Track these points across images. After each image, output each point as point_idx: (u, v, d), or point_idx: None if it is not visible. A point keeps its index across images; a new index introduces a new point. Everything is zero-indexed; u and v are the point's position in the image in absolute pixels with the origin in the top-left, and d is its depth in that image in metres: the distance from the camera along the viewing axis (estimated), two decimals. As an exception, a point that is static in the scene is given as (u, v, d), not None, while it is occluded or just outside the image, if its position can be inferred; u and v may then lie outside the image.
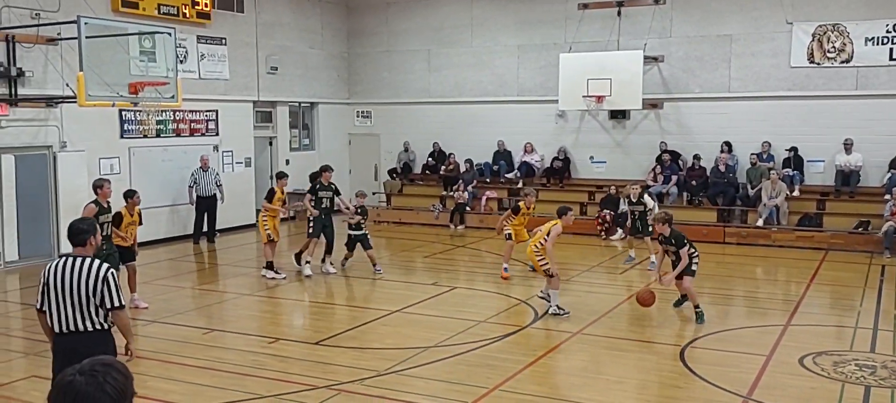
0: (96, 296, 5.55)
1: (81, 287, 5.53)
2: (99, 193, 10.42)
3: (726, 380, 8.15)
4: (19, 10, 14.44)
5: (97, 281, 5.55)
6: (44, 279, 5.66)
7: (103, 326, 5.64)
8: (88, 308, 5.57)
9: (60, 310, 5.58)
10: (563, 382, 8.55)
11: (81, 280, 5.54)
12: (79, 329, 5.55)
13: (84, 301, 5.55)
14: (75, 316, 5.58)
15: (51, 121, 15.19)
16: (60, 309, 5.58)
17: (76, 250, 5.68)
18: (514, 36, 21.02)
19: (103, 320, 5.63)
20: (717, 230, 17.70)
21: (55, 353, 5.65)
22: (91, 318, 5.58)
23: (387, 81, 22.76)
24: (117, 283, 5.67)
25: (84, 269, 5.57)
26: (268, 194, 13.95)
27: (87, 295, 5.54)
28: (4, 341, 10.04)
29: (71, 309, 5.57)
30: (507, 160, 21.03)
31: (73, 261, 5.61)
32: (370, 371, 8.49)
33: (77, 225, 5.76)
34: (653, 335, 10.02)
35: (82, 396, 2.35)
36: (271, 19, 20.44)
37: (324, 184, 14.01)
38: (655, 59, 19.18)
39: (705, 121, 19.12)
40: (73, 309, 5.57)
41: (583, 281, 13.60)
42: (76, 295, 5.54)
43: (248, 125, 20.07)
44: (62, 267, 5.61)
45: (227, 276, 14.58)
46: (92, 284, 5.54)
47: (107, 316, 5.65)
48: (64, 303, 5.57)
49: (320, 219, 13.77)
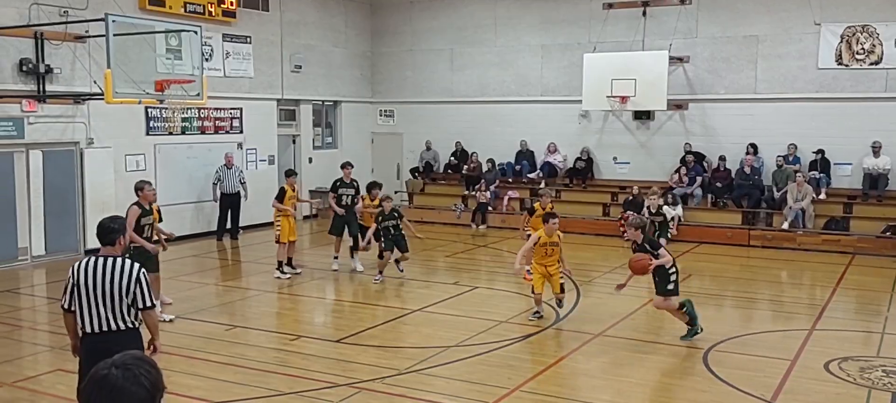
0: (129, 296, 5.55)
1: (114, 287, 5.52)
2: (140, 195, 10.30)
3: (750, 384, 8.06)
4: (48, 7, 14.63)
5: (130, 281, 5.55)
6: (73, 279, 5.62)
7: (133, 325, 5.65)
8: (121, 307, 5.56)
9: (92, 310, 5.56)
10: (584, 384, 8.50)
11: (114, 280, 5.52)
12: (111, 328, 5.55)
13: (117, 300, 5.54)
14: (107, 315, 5.56)
15: (78, 118, 15.38)
16: (92, 309, 5.56)
17: (105, 249, 5.66)
18: (538, 35, 20.96)
19: (134, 319, 5.64)
20: (741, 233, 17.53)
21: (84, 353, 5.61)
22: (123, 317, 5.59)
23: (410, 80, 22.78)
24: (149, 283, 5.68)
25: (116, 269, 5.55)
26: (278, 194, 13.75)
27: (120, 294, 5.53)
28: (31, 335, 10.17)
29: (103, 309, 5.55)
30: (530, 160, 20.97)
31: (104, 261, 5.59)
32: (391, 369, 8.50)
33: (107, 225, 5.72)
34: (675, 338, 9.93)
35: (118, 390, 2.37)
36: (296, 18, 20.55)
37: (344, 181, 14.06)
38: (680, 59, 19.03)
39: (731, 122, 18.95)
40: (106, 309, 5.55)
41: (605, 283, 13.51)
42: (109, 295, 5.52)
43: (271, 123, 20.19)
44: (93, 267, 5.58)
45: (250, 273, 14.67)
46: (125, 284, 5.53)
47: (137, 315, 5.66)
48: (96, 303, 5.55)
49: (341, 217, 13.81)
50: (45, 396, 7.71)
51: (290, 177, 14.06)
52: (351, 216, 14.00)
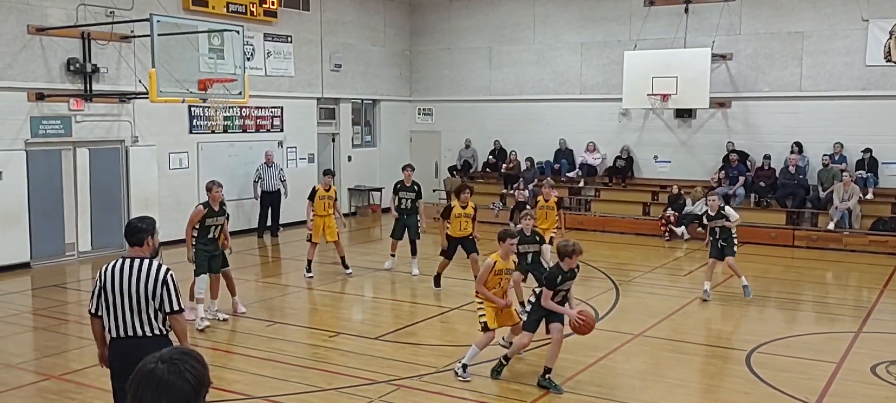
0: (155, 299, 5.31)
1: (140, 289, 5.30)
2: (210, 195, 10.23)
3: (794, 387, 7.91)
4: (95, 8, 14.93)
5: (156, 283, 5.30)
6: (101, 282, 5.42)
7: (162, 332, 5.39)
8: (147, 311, 5.33)
9: (117, 314, 5.36)
10: (624, 384, 8.42)
11: (140, 282, 5.30)
12: (136, 333, 5.33)
13: (143, 304, 5.31)
14: (133, 320, 5.34)
15: (123, 117, 15.68)
16: (117, 313, 5.36)
17: (132, 250, 5.45)
18: (577, 33, 20.81)
19: (162, 325, 5.40)
20: (786, 233, 17.21)
21: (112, 358, 5.46)
22: (150, 323, 5.35)
23: (448, 79, 22.80)
24: (177, 286, 5.43)
25: (142, 271, 5.32)
26: (310, 193, 13.44)
27: (145, 298, 5.30)
28: (77, 329, 10.40)
29: (128, 313, 5.33)
30: (569, 159, 20.83)
31: (130, 263, 5.36)
32: (428, 367, 8.52)
33: (135, 224, 5.51)
34: (717, 339, 9.80)
35: (164, 384, 2.42)
36: (335, 17, 20.69)
37: (405, 185, 13.79)
38: (723, 56, 18.75)
39: (775, 120, 18.60)
40: (131, 313, 5.33)
41: (645, 283, 13.38)
42: (134, 299, 5.31)
43: (311, 121, 20.36)
44: (119, 269, 5.36)
45: (289, 270, 14.81)
46: (151, 287, 5.30)
47: (165, 320, 5.41)
48: (121, 307, 5.34)
49: (401, 220, 13.61)
50: (90, 389, 7.88)
51: (326, 176, 13.82)
52: (412, 220, 13.64)
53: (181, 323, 5.51)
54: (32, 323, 10.94)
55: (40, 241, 14.38)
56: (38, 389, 8.09)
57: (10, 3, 13.87)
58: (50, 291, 12.61)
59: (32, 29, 14.13)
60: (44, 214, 14.44)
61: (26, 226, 14.15)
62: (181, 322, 5.51)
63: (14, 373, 8.54)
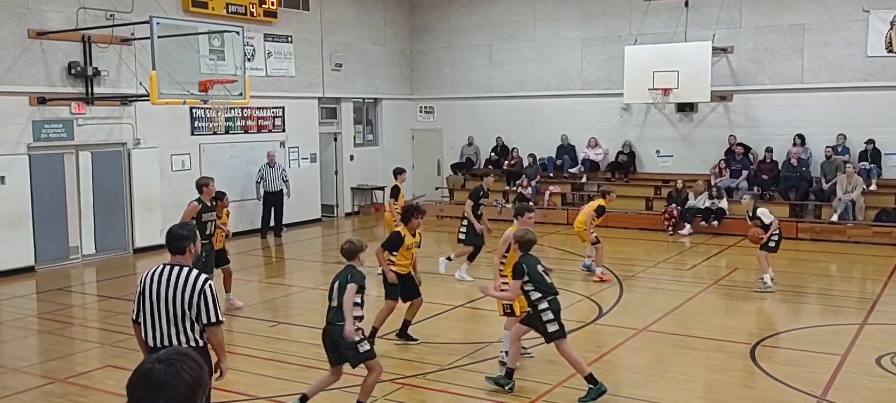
0: (192, 310, 5.18)
1: (177, 299, 5.17)
2: (204, 192, 10.29)
3: (799, 380, 7.90)
4: (95, 11, 14.95)
5: (194, 293, 5.17)
6: (140, 288, 5.31)
7: (198, 343, 5.24)
8: (184, 322, 5.21)
9: (155, 323, 5.24)
10: (628, 379, 8.41)
11: (177, 291, 5.18)
12: (172, 344, 5.19)
13: (180, 314, 5.19)
14: (169, 330, 5.22)
15: (125, 119, 15.70)
16: (155, 322, 5.24)
17: (174, 258, 5.31)
18: (578, 29, 20.79)
19: (198, 336, 5.26)
20: (789, 225, 17.12)
21: None
22: (186, 333, 5.22)
23: (449, 77, 22.79)
24: (216, 297, 5.26)
25: (181, 280, 5.19)
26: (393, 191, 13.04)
27: (183, 308, 5.18)
28: (82, 332, 10.42)
29: (165, 323, 5.22)
30: (571, 154, 20.83)
31: (170, 271, 5.24)
32: (433, 365, 8.52)
33: (177, 232, 5.35)
34: (722, 333, 9.78)
35: (161, 383, 2.43)
36: (335, 16, 20.69)
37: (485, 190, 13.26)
38: (724, 50, 18.72)
39: (776, 113, 18.57)
40: (168, 323, 5.22)
41: (649, 277, 13.37)
42: (172, 308, 5.18)
43: (313, 121, 20.37)
44: (159, 277, 5.24)
45: (292, 270, 14.82)
46: (188, 297, 5.17)
47: (202, 331, 5.27)
48: (158, 315, 5.23)
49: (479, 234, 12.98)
50: (96, 391, 7.88)
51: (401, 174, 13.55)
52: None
53: (219, 335, 5.37)
54: (37, 327, 10.95)
55: (44, 245, 14.41)
56: (43, 393, 8.10)
57: (10, 7, 13.88)
58: (54, 295, 12.63)
59: (33, 33, 14.15)
60: (47, 218, 14.46)
61: (30, 230, 14.18)
62: (219, 334, 5.36)
63: (19, 377, 8.55)
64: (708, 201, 17.76)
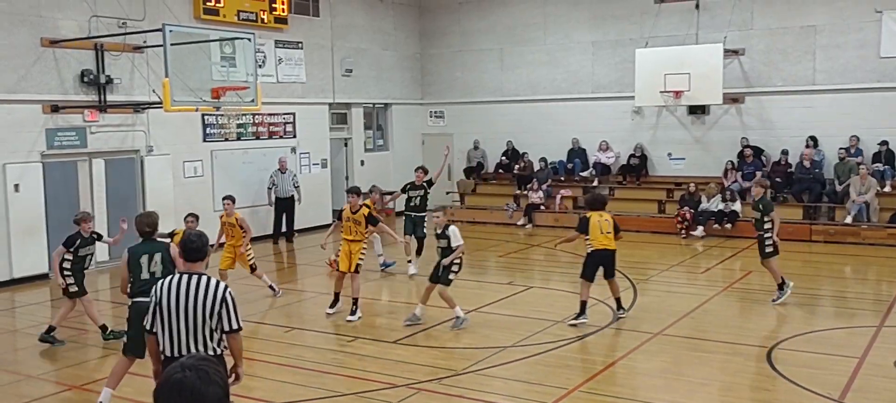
0: (213, 318, 5.16)
1: (198, 307, 5.14)
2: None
3: (817, 383, 7.85)
4: (107, 19, 15.02)
5: (216, 301, 5.15)
6: (156, 298, 5.25)
7: (216, 351, 5.22)
8: (203, 330, 5.17)
9: (172, 332, 5.19)
10: (644, 383, 8.38)
11: (198, 300, 5.14)
12: (191, 353, 5.11)
13: (199, 322, 5.15)
14: (188, 339, 5.18)
15: (138, 127, 15.76)
16: (172, 331, 5.19)
17: (189, 266, 5.29)
18: (589, 32, 20.76)
19: (216, 344, 5.24)
20: (802, 228, 17.08)
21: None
22: (205, 342, 5.18)
23: (459, 81, 22.79)
24: (236, 304, 5.27)
25: (201, 289, 5.16)
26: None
27: (203, 316, 5.14)
28: (97, 339, 10.43)
29: (184, 332, 5.17)
30: (582, 158, 20.78)
31: (188, 279, 5.20)
32: (448, 370, 8.50)
33: (193, 240, 5.34)
34: (737, 336, 9.72)
35: (195, 391, 2.43)
36: (345, 22, 20.73)
37: (415, 184, 14.15)
38: (736, 52, 18.65)
39: (789, 115, 18.49)
40: (187, 332, 5.17)
41: (662, 281, 13.32)
42: (191, 316, 5.15)
43: (324, 127, 20.41)
44: (176, 286, 5.19)
45: (305, 275, 14.83)
46: (209, 305, 5.14)
47: (220, 340, 5.26)
48: (176, 325, 5.17)
49: (411, 217, 14.02)
50: (113, 398, 7.89)
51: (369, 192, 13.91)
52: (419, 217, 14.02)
53: (239, 341, 5.39)
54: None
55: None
56: (59, 400, 8.14)
57: (23, 16, 13.97)
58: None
59: (46, 41, 14.23)
60: (61, 225, 14.44)
61: (44, 238, 14.24)
62: (239, 340, 5.39)
63: (36, 384, 8.59)
64: (721, 204, 17.68)
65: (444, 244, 10.18)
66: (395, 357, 9.12)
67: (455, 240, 10.08)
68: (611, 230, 10.30)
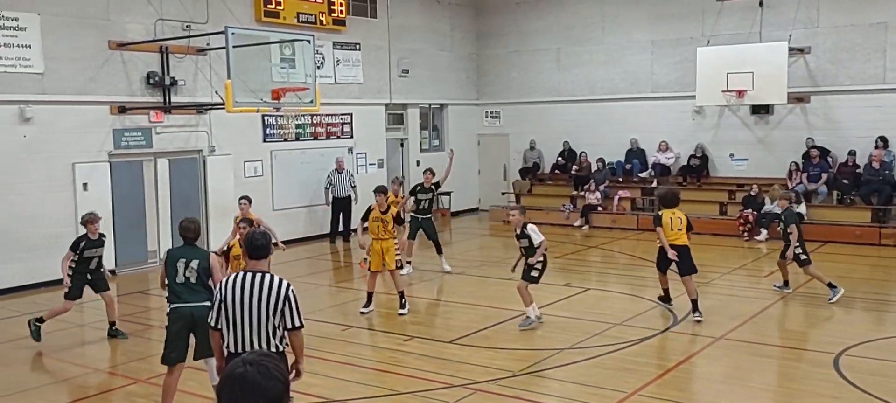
0: (276, 316, 5.23)
1: (261, 305, 5.20)
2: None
3: (888, 392, 7.57)
4: (172, 22, 15.39)
5: (279, 299, 5.22)
6: (220, 295, 5.33)
7: (278, 348, 5.27)
8: (266, 327, 5.23)
9: (236, 329, 5.26)
10: (705, 389, 8.22)
11: (262, 297, 5.20)
12: (254, 349, 5.16)
13: (264, 319, 5.22)
14: (252, 336, 5.25)
15: (200, 127, 16.11)
16: (236, 328, 5.26)
17: (253, 263, 5.36)
18: (648, 31, 20.46)
19: (279, 341, 5.30)
20: (871, 231, 16.52)
21: None
22: (268, 339, 5.24)
23: (516, 81, 22.70)
24: (298, 302, 5.35)
25: (265, 286, 5.23)
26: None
27: (267, 313, 5.21)
28: (161, 334, 10.63)
29: (248, 329, 5.24)
30: (641, 159, 20.49)
31: (252, 277, 5.27)
32: (504, 371, 8.46)
33: (257, 238, 5.39)
34: (802, 342, 9.46)
35: (256, 386, 2.48)
36: (402, 23, 20.83)
37: (424, 186, 14.33)
38: (801, 50, 18.15)
39: (857, 115, 17.89)
40: (251, 329, 5.24)
41: (724, 284, 13.03)
42: (256, 314, 5.21)
43: (380, 127, 20.55)
44: (241, 283, 5.26)
45: (361, 275, 14.92)
46: (273, 302, 5.21)
47: (283, 337, 5.32)
48: (240, 322, 5.24)
49: (416, 221, 14.20)
50: (177, 392, 8.06)
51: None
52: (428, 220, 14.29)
53: (301, 338, 5.46)
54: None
55: (124, 249, 14.88)
56: (126, 393, 8.36)
57: (92, 20, 14.40)
58: (134, 297, 13.03)
59: (113, 44, 14.65)
60: (127, 223, 14.94)
61: (111, 235, 14.63)
62: (301, 337, 5.45)
63: (103, 378, 8.85)
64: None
65: (525, 244, 10.20)
66: (452, 356, 9.12)
67: (536, 238, 10.10)
68: (683, 227, 10.56)
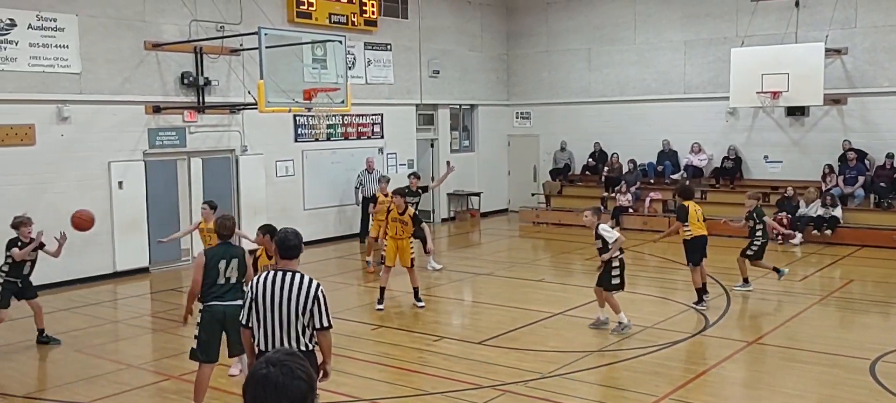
0: (305, 315, 5.27)
1: (291, 304, 5.25)
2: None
3: (926, 400, 7.42)
4: (206, 23, 15.58)
5: (308, 298, 5.26)
6: (252, 294, 5.39)
7: (307, 348, 5.33)
8: (296, 326, 5.29)
9: (266, 327, 5.32)
10: (737, 394, 8.11)
11: (291, 296, 5.25)
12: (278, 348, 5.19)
13: (293, 318, 5.27)
14: (281, 334, 5.30)
15: (233, 127, 16.29)
16: (266, 327, 5.32)
17: (284, 263, 5.40)
18: (680, 31, 20.26)
19: (308, 340, 5.35)
20: (909, 235, 16.20)
21: None
22: (297, 338, 5.30)
23: (546, 82, 22.61)
24: (327, 302, 5.38)
25: (295, 285, 5.28)
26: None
27: (296, 312, 5.26)
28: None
29: (277, 328, 5.30)
30: (673, 160, 20.29)
31: (282, 276, 5.32)
32: (533, 372, 8.44)
33: (289, 238, 5.42)
34: (837, 347, 9.29)
35: (281, 386, 2.49)
36: (433, 23, 20.86)
37: (411, 190, 14.08)
38: (838, 51, 17.85)
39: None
40: (280, 328, 5.29)
41: (757, 288, 12.85)
42: (285, 313, 5.26)
43: (410, 128, 20.60)
44: (271, 282, 5.31)
45: (392, 274, 14.97)
46: (303, 301, 5.26)
47: (312, 336, 5.37)
48: (271, 320, 5.30)
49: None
50: (208, 389, 8.16)
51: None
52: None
53: (329, 338, 5.49)
54: (151, 326, 11.48)
55: (158, 247, 15.03)
56: (158, 389, 8.47)
57: (129, 21, 14.63)
58: (167, 295, 13.21)
59: (148, 45, 14.86)
60: (161, 221, 15.12)
61: (145, 233, 14.87)
62: (329, 337, 5.49)
63: (136, 373, 8.98)
64: (820, 209, 16.96)
65: (599, 245, 9.99)
66: (480, 357, 9.11)
67: (609, 237, 9.84)
68: (702, 218, 11.29)
